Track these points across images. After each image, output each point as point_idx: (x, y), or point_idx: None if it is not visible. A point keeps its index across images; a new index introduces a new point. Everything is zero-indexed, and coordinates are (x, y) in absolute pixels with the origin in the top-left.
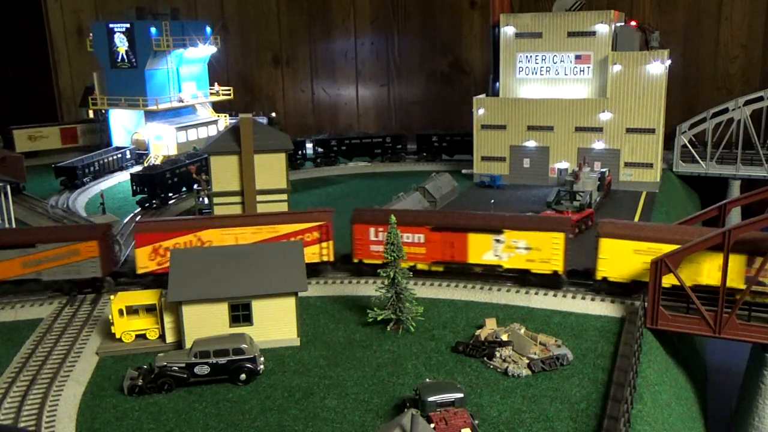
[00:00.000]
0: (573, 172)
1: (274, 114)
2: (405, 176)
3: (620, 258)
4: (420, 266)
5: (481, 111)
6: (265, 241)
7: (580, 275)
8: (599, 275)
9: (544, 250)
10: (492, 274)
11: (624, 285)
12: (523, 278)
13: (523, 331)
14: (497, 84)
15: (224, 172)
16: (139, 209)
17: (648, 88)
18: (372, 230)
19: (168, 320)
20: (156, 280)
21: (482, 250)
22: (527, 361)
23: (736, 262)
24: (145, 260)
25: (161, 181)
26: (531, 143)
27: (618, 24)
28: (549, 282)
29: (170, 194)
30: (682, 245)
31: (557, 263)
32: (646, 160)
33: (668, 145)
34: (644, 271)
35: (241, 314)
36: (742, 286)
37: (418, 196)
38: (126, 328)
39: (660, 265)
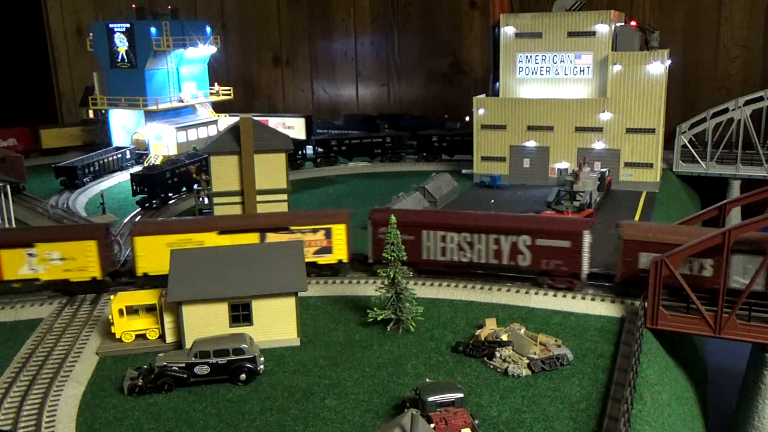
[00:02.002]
0: (573, 172)
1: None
2: (405, 176)
3: None
4: None
5: (481, 111)
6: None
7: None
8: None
9: (79, 258)
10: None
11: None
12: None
13: (523, 331)
14: (497, 84)
15: (224, 172)
16: (139, 209)
17: (648, 88)
18: None
19: (168, 320)
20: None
21: (17, 264)
22: (527, 361)
23: None
24: None
25: (161, 181)
26: (531, 143)
27: (618, 24)
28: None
29: (170, 194)
30: (683, 245)
31: (94, 270)
32: (646, 160)
33: (668, 145)
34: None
35: (241, 314)
36: None
37: (418, 196)
38: (126, 328)
39: (660, 265)
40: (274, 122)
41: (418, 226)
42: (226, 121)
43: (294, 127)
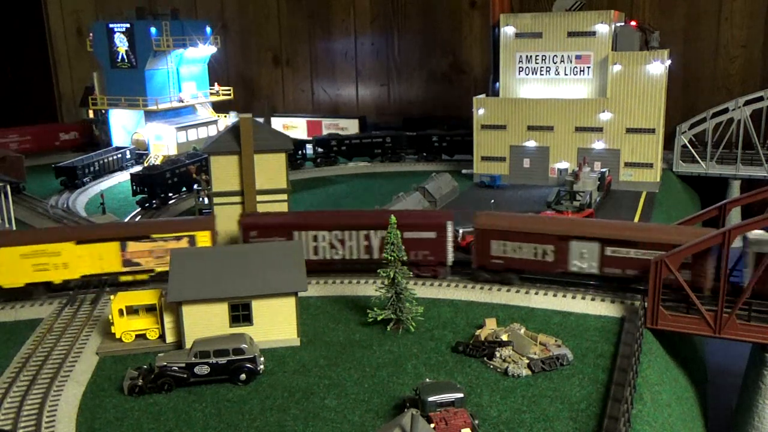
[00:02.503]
0: (573, 172)
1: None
2: (405, 176)
3: None
4: None
5: (481, 111)
6: None
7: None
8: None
9: None
10: None
11: None
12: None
13: (523, 331)
14: (497, 84)
15: (224, 172)
16: (139, 209)
17: (648, 88)
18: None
19: (168, 320)
20: None
21: None
22: (527, 361)
23: None
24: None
25: (161, 181)
26: (531, 143)
27: (618, 24)
28: None
29: (170, 194)
30: (683, 245)
31: None
32: (646, 160)
33: (668, 145)
34: None
35: (241, 314)
36: None
37: (418, 196)
38: (126, 328)
39: (660, 265)
40: (327, 123)
41: (288, 227)
42: (277, 123)
43: (347, 128)
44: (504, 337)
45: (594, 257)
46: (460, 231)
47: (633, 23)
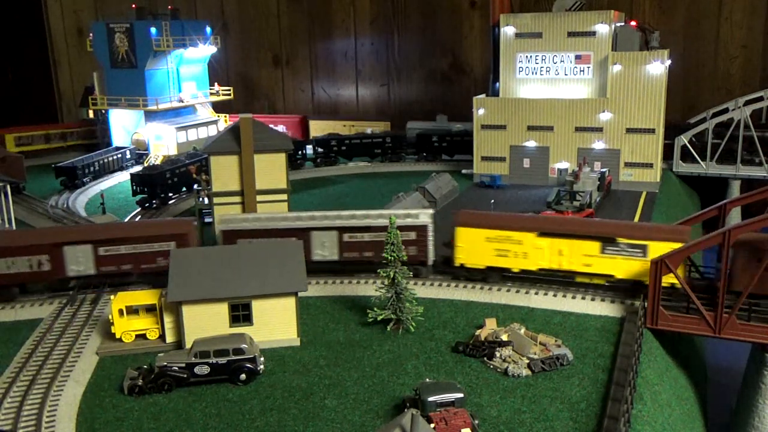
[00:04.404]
0: (573, 172)
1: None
2: (405, 176)
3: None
4: None
5: (481, 111)
6: None
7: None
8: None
9: None
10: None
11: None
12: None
13: (523, 331)
14: (497, 84)
15: (224, 172)
16: (139, 209)
17: (648, 88)
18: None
19: (168, 320)
20: None
21: None
22: (527, 361)
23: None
24: None
25: (161, 181)
26: (531, 143)
27: (618, 24)
28: None
29: (170, 194)
30: (683, 245)
31: None
32: (646, 160)
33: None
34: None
35: (241, 314)
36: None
37: (418, 196)
38: (126, 328)
39: (660, 265)
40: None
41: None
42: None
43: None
44: (504, 337)
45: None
46: None
47: (633, 23)
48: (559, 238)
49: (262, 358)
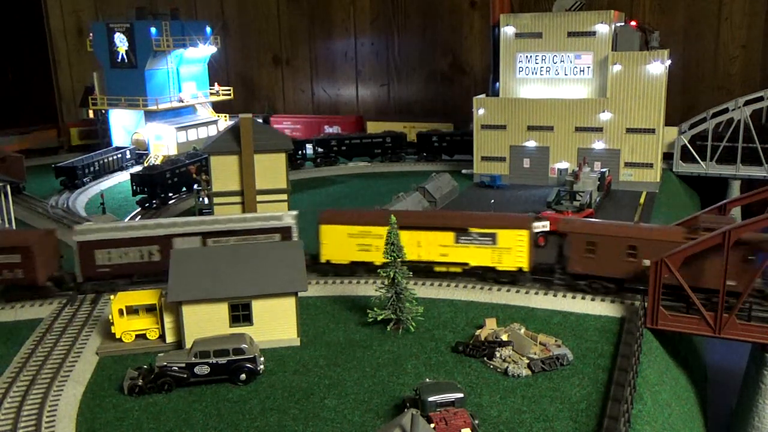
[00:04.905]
0: (573, 172)
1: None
2: (405, 176)
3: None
4: None
5: (481, 111)
6: None
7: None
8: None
9: None
10: None
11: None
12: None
13: (523, 331)
14: (497, 84)
15: (224, 172)
16: (139, 209)
17: (648, 88)
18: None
19: (168, 320)
20: None
21: None
22: (527, 361)
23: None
24: None
25: (161, 181)
26: (531, 143)
27: (618, 24)
28: None
29: (170, 194)
30: (683, 245)
31: None
32: (646, 160)
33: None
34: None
35: (241, 314)
36: None
37: (418, 196)
38: (126, 328)
39: (660, 265)
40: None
41: None
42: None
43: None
44: (504, 337)
45: None
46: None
47: (633, 23)
48: (416, 230)
49: (262, 358)
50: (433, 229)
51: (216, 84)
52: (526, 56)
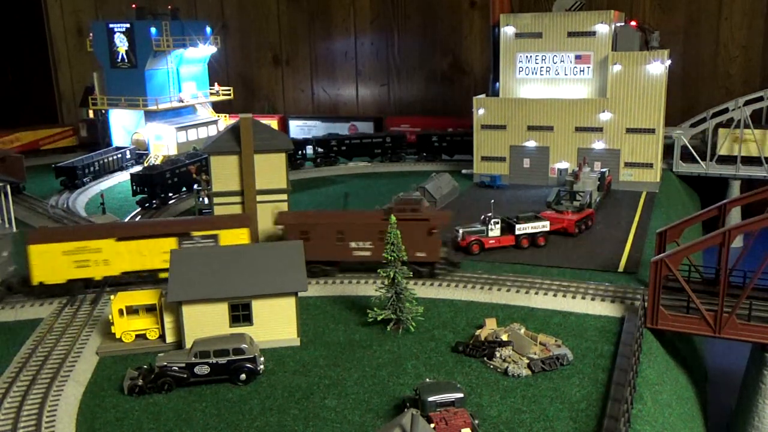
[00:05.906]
0: (573, 172)
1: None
2: (405, 176)
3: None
4: None
5: (481, 111)
6: None
7: None
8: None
9: None
10: None
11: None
12: None
13: (523, 331)
14: (497, 84)
15: (224, 171)
16: (139, 209)
17: (648, 88)
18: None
19: (168, 320)
20: None
21: None
22: (527, 361)
23: None
24: None
25: (161, 181)
26: (531, 143)
27: (618, 24)
28: None
29: (170, 194)
30: (683, 245)
31: None
32: (646, 160)
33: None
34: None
35: (241, 314)
36: None
37: (418, 196)
38: (126, 328)
39: (660, 265)
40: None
41: None
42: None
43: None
44: (504, 337)
45: None
46: (460, 231)
47: (633, 23)
48: (138, 240)
49: (262, 358)
50: (156, 236)
51: (216, 84)
52: (526, 56)
